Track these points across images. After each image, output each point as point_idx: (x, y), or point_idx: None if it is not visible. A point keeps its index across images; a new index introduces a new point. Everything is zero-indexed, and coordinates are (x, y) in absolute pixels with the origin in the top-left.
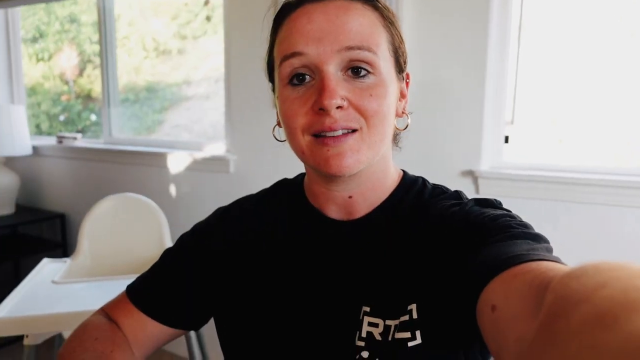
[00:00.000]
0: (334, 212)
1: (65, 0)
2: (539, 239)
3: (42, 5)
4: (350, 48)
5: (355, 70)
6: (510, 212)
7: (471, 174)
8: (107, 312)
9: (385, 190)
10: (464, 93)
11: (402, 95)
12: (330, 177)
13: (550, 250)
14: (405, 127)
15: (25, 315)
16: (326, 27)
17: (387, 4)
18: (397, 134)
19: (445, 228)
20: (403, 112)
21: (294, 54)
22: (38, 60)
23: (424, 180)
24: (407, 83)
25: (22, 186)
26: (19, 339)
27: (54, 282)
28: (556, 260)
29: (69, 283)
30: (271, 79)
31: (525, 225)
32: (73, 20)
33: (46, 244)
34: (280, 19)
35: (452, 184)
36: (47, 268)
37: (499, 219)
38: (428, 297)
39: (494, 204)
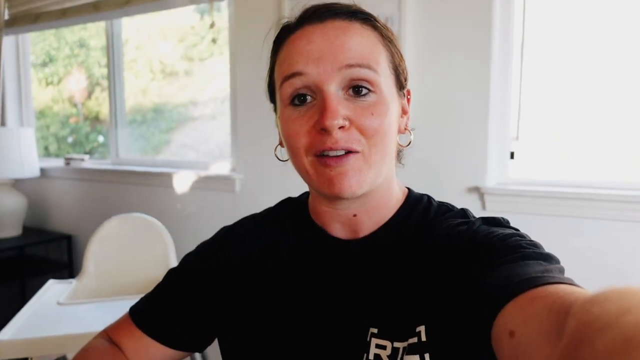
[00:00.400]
0: (338, 231)
1: (74, 26)
2: (550, 259)
3: (53, 31)
4: (350, 66)
5: (356, 89)
6: (519, 231)
7: (477, 190)
8: (110, 335)
9: (390, 208)
10: (469, 109)
11: (404, 112)
12: (334, 198)
13: (562, 271)
14: (408, 143)
15: (30, 337)
16: (326, 47)
17: (389, 23)
18: (400, 151)
19: (452, 248)
20: (405, 129)
21: (295, 74)
22: (48, 84)
23: (429, 198)
24: (408, 99)
25: (29, 208)
26: None
27: (59, 303)
28: (572, 283)
29: (74, 304)
30: (272, 100)
31: (536, 245)
32: (82, 44)
33: (52, 265)
34: (279, 40)
35: (458, 200)
36: (53, 289)
37: (509, 238)
38: (437, 319)
39: (502, 223)
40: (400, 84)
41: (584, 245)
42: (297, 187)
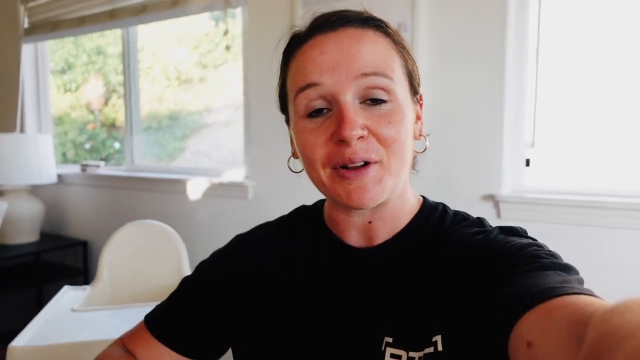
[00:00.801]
0: (354, 239)
1: (92, 33)
2: (569, 269)
3: (71, 38)
4: (366, 75)
5: (372, 97)
6: (537, 240)
7: (492, 198)
8: (125, 342)
9: (405, 216)
10: (483, 116)
11: (418, 118)
12: (353, 209)
13: (581, 281)
14: (423, 149)
15: (44, 344)
16: (340, 57)
17: (402, 29)
18: (415, 157)
19: (469, 256)
20: (420, 135)
21: (309, 85)
22: (66, 91)
23: (444, 207)
24: (421, 105)
25: (46, 214)
26: None
27: (73, 310)
28: (591, 293)
29: (88, 311)
30: (284, 111)
31: (554, 255)
32: (100, 52)
33: (68, 270)
34: (290, 51)
35: (473, 208)
36: (68, 295)
37: (526, 248)
38: (453, 329)
39: (519, 233)
40: (414, 89)
41: (603, 254)
42: (310, 194)
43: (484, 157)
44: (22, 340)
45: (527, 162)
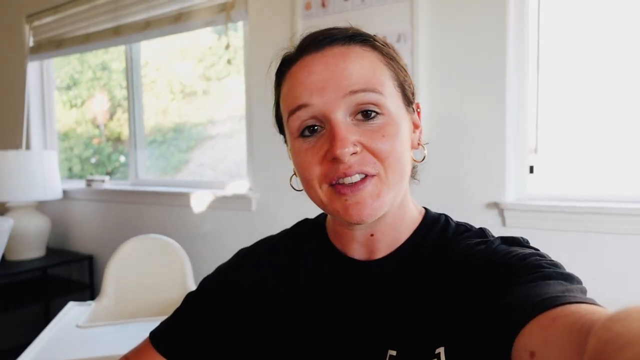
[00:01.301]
0: (356, 252)
1: (97, 50)
2: (571, 279)
3: (77, 55)
4: (354, 92)
5: (364, 113)
6: (539, 250)
7: (497, 206)
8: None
9: (406, 227)
10: (485, 123)
11: (416, 126)
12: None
13: (584, 291)
14: (422, 159)
15: None
16: (327, 76)
17: (402, 39)
18: (415, 167)
19: (470, 267)
20: (419, 144)
21: (300, 107)
22: (72, 106)
23: (446, 218)
24: (418, 113)
25: (52, 229)
26: None
27: (78, 326)
28: (594, 302)
29: (93, 327)
30: (281, 131)
31: (556, 265)
32: (104, 67)
33: (74, 285)
34: (281, 73)
35: (478, 216)
36: (73, 312)
37: (528, 258)
38: (456, 340)
39: (521, 243)
40: (408, 99)
41: (607, 261)
42: (313, 206)
43: (487, 165)
44: (27, 358)
45: (531, 169)
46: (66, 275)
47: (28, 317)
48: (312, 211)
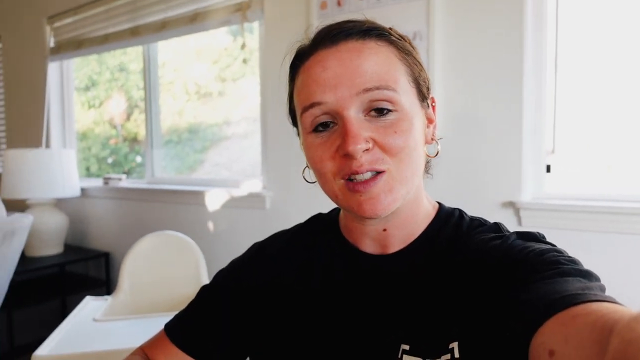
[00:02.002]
0: (369, 247)
1: (115, 50)
2: (589, 276)
3: (95, 56)
4: (368, 90)
5: (377, 109)
6: (556, 246)
7: (512, 206)
8: (146, 351)
9: (420, 222)
10: (501, 122)
11: (430, 121)
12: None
13: (603, 288)
14: (436, 154)
15: (67, 353)
16: (341, 72)
17: (418, 38)
18: (428, 162)
19: (486, 262)
20: (432, 139)
21: (313, 105)
22: (90, 107)
23: (460, 212)
24: (433, 107)
25: (70, 226)
26: None
27: (95, 320)
28: (614, 301)
29: (109, 321)
30: (294, 124)
31: (574, 261)
32: (122, 69)
33: (91, 282)
34: (295, 66)
35: (493, 215)
36: (89, 306)
37: (546, 253)
38: (470, 335)
39: (538, 238)
40: (423, 94)
41: (626, 261)
42: (326, 203)
43: (503, 163)
44: (45, 349)
45: (548, 168)
46: (83, 271)
47: (46, 312)
48: (326, 209)
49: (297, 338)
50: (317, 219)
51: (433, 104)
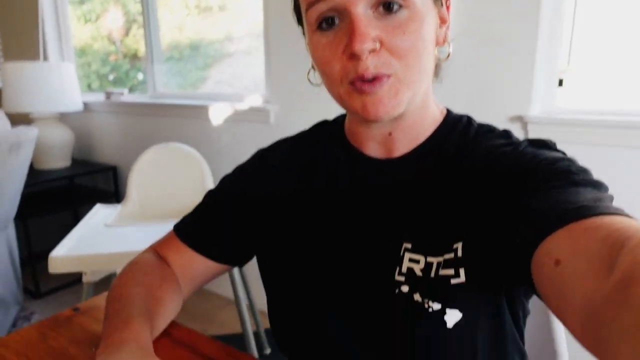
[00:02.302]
0: (374, 151)
1: None
2: (600, 186)
3: None
4: None
5: (386, 5)
6: (566, 154)
7: (520, 120)
8: (156, 249)
9: (427, 127)
10: (516, 32)
11: (443, 21)
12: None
13: (612, 199)
14: (447, 56)
15: (82, 254)
16: None
17: None
18: (438, 65)
19: (495, 168)
20: (444, 40)
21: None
22: (86, 21)
23: (469, 118)
24: (447, 7)
25: (76, 141)
26: (79, 280)
27: (106, 225)
28: (627, 214)
29: (120, 226)
30: (300, 22)
31: (585, 171)
32: None
33: (100, 194)
34: None
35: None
36: (100, 212)
37: (557, 162)
38: (475, 237)
39: (549, 145)
40: None
41: (635, 176)
42: (331, 116)
43: (514, 75)
44: (61, 251)
45: (561, 82)
46: (92, 184)
47: (59, 223)
48: None
49: (300, 238)
50: (322, 124)
51: (447, 3)
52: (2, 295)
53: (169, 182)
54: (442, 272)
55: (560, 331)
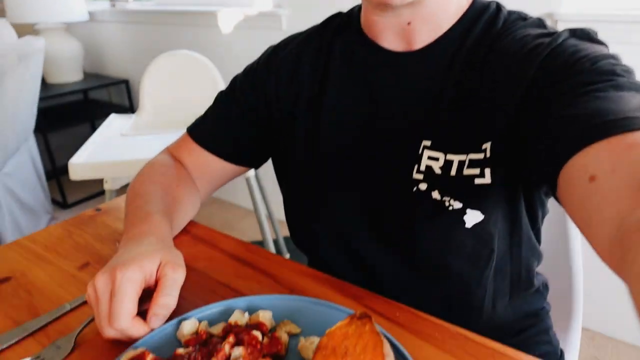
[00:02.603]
0: (391, 43)
1: None
2: None
3: None
4: None
5: None
6: (608, 50)
7: (550, 18)
8: (172, 151)
9: (451, 16)
10: None
11: None
12: (384, 7)
13: None
14: None
15: (100, 160)
16: None
17: None
18: None
19: (530, 62)
20: None
21: None
22: None
23: (498, 5)
24: None
25: (86, 54)
26: (103, 192)
27: (122, 134)
28: None
29: (135, 135)
30: None
31: (630, 72)
32: None
33: (115, 107)
34: None
35: None
36: (116, 123)
37: (600, 60)
38: (504, 137)
39: (591, 36)
40: None
41: None
42: None
43: None
44: (80, 158)
45: None
46: (106, 98)
47: (78, 136)
48: None
49: (315, 134)
50: (336, 16)
51: None
52: (31, 205)
53: (181, 90)
54: (467, 171)
55: (572, 228)
